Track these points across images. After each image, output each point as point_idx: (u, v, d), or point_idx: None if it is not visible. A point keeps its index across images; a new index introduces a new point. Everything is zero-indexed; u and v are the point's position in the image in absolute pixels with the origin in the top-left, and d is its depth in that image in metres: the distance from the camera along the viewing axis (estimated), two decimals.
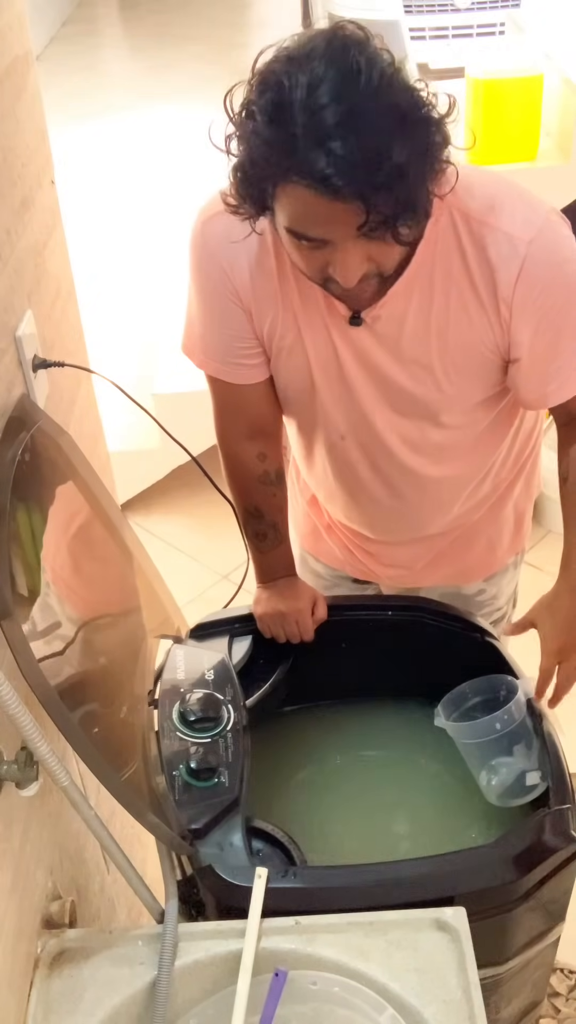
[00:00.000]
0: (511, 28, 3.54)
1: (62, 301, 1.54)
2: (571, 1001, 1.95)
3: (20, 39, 1.39)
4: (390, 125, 1.00)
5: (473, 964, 1.09)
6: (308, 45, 1.03)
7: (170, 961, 1.10)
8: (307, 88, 0.99)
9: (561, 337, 1.28)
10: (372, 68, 1.00)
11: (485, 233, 1.21)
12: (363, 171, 1.00)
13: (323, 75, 0.99)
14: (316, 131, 0.99)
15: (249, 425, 1.49)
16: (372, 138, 0.99)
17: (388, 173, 1.00)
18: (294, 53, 1.02)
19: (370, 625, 1.63)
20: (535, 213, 1.22)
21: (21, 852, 1.08)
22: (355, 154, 0.99)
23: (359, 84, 0.99)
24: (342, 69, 0.99)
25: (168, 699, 1.39)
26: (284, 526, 1.60)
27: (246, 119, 1.05)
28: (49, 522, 1.18)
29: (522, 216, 1.21)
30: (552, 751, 1.35)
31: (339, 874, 1.27)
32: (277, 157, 1.03)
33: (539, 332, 1.26)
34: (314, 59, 1.00)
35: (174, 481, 3.21)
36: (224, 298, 1.32)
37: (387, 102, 1.00)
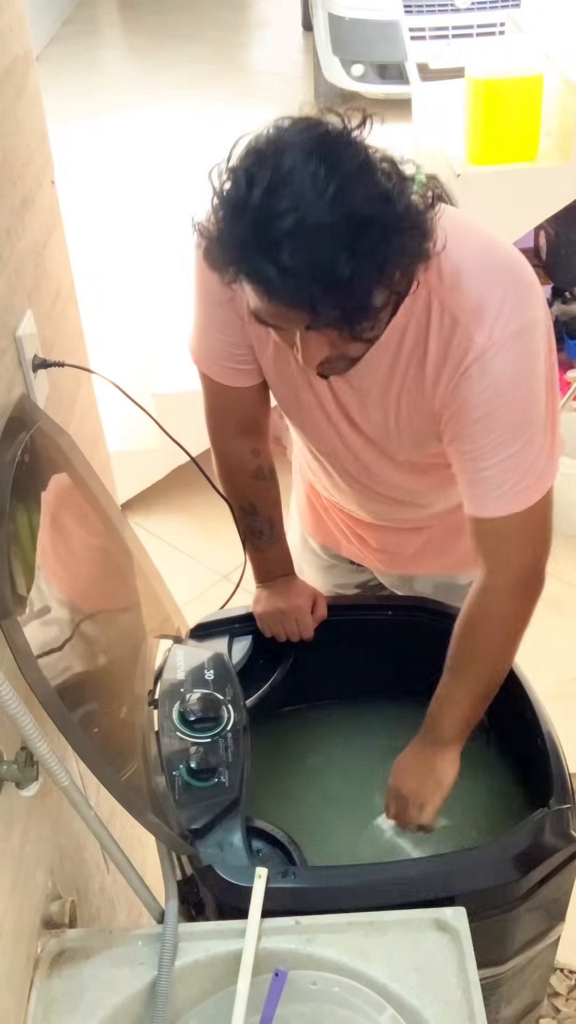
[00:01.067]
0: (511, 28, 3.54)
1: (62, 301, 1.54)
2: (571, 1001, 1.95)
3: (20, 39, 1.39)
4: (341, 238, 0.99)
5: (473, 964, 1.09)
6: (279, 141, 1.02)
7: (170, 961, 1.10)
8: (264, 193, 0.99)
9: (489, 456, 1.24)
10: (332, 174, 0.99)
11: (456, 330, 1.20)
12: (308, 282, 1.00)
13: (282, 180, 0.99)
14: (266, 238, 1.00)
15: (240, 423, 1.50)
16: (320, 251, 0.99)
17: (333, 286, 1.01)
18: (263, 149, 1.03)
19: (370, 625, 1.63)
20: (512, 316, 1.19)
21: (21, 852, 1.08)
22: (301, 266, 0.99)
23: (316, 193, 0.99)
24: (301, 175, 0.99)
25: (168, 699, 1.39)
26: (279, 523, 1.60)
27: (212, 211, 1.06)
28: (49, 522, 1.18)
29: (494, 316, 1.18)
30: (552, 751, 1.35)
31: (339, 874, 1.27)
32: (230, 255, 1.05)
33: (467, 436, 1.25)
34: (280, 159, 1.00)
35: (174, 481, 3.21)
36: (222, 303, 1.33)
37: (342, 213, 0.99)
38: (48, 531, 1.17)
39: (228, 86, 5.89)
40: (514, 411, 1.22)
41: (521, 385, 1.21)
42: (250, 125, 1.07)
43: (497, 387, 1.20)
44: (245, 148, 1.04)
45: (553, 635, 2.69)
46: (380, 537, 1.65)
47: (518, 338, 1.19)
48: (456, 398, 1.23)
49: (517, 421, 1.22)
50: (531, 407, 1.23)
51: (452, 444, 1.28)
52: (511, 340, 1.19)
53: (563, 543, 3.01)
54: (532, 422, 1.23)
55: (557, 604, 2.81)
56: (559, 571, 2.88)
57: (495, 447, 1.23)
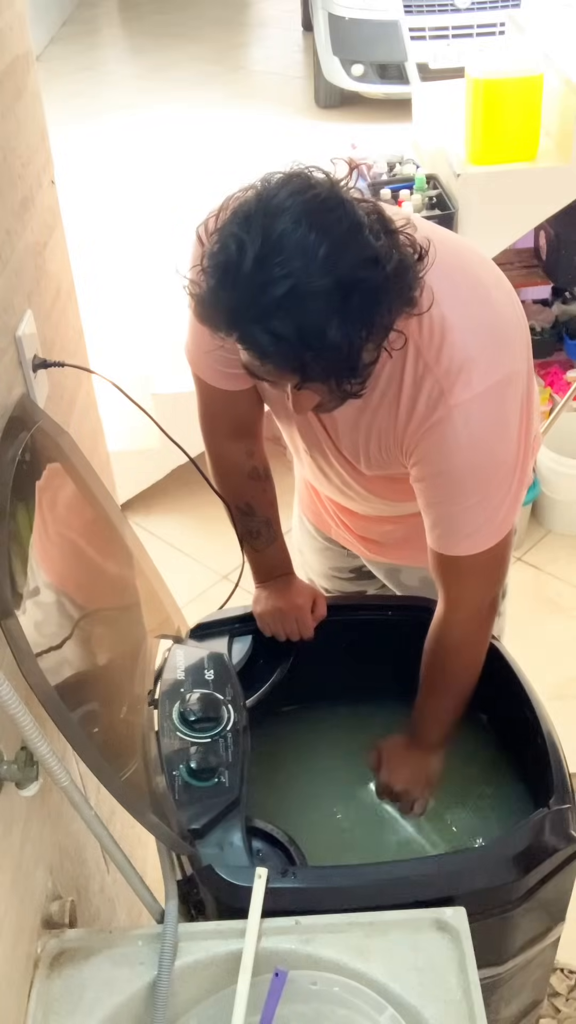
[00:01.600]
0: (511, 28, 3.54)
1: (62, 301, 1.54)
2: (571, 1001, 1.95)
3: (20, 39, 1.39)
4: (332, 304, 1.00)
5: (473, 964, 1.09)
6: (268, 206, 1.03)
7: (170, 961, 1.10)
8: (255, 260, 1.00)
9: (448, 505, 1.28)
10: (322, 240, 1.00)
11: (426, 377, 1.21)
12: (299, 348, 1.02)
13: (273, 248, 1.00)
14: (258, 306, 1.01)
15: (234, 425, 1.50)
16: (312, 317, 1.00)
17: (324, 350, 1.02)
18: (253, 213, 1.03)
19: (370, 625, 1.63)
20: (485, 375, 1.20)
21: (21, 852, 1.08)
22: (292, 333, 1.01)
23: (307, 260, 0.99)
24: (292, 241, 1.00)
25: (168, 699, 1.39)
26: (276, 523, 1.61)
27: (200, 273, 1.07)
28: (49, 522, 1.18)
29: (467, 375, 1.19)
30: (552, 751, 1.35)
31: (339, 874, 1.27)
32: (221, 320, 1.06)
33: (430, 483, 1.28)
34: (272, 224, 1.01)
35: (174, 481, 3.21)
36: None
37: (333, 280, 1.00)
38: (48, 531, 1.17)
39: (228, 86, 5.89)
40: (481, 466, 1.24)
41: (491, 440, 1.23)
42: (249, 125, 1.07)
43: (466, 442, 1.22)
44: (234, 210, 1.05)
45: (553, 635, 2.69)
46: (363, 525, 1.66)
47: (490, 394, 1.21)
48: (423, 447, 1.25)
49: (484, 475, 1.25)
50: (499, 461, 1.25)
51: (417, 483, 1.31)
52: (483, 397, 1.20)
53: (563, 543, 3.02)
54: (498, 474, 1.26)
55: (557, 604, 2.81)
56: (559, 571, 2.89)
57: (459, 496, 1.27)
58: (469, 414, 1.20)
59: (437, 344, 1.20)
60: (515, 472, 1.28)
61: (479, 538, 1.30)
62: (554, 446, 2.92)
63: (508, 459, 1.26)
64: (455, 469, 1.24)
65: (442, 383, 1.20)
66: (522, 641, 1.60)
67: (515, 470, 1.28)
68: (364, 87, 5.19)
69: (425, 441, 1.24)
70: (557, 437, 2.88)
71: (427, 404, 1.21)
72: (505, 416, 1.23)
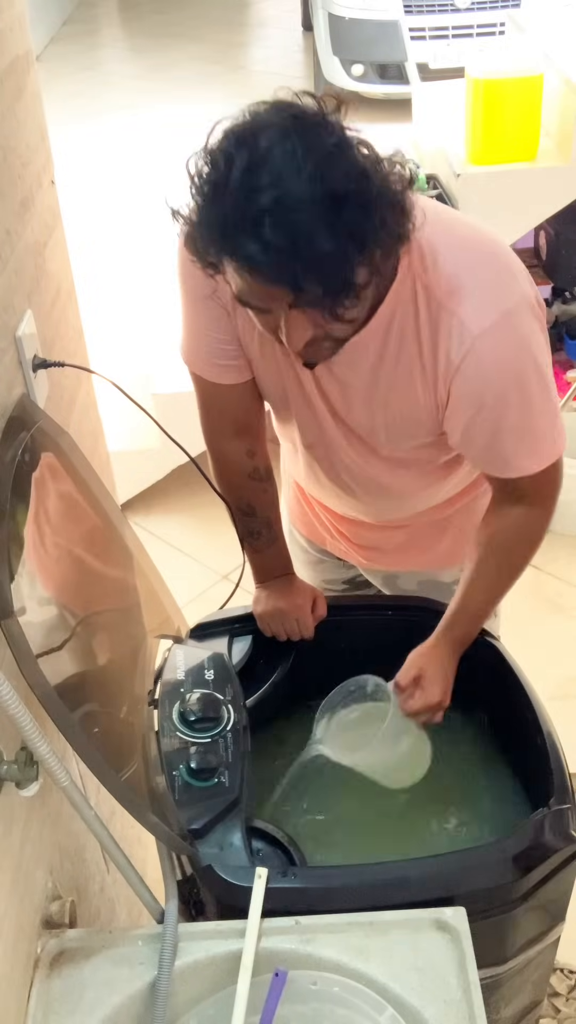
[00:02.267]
0: (511, 28, 3.54)
1: (62, 301, 1.54)
2: (571, 1001, 1.95)
3: (20, 39, 1.39)
4: (321, 213, 1.00)
5: (473, 964, 1.09)
6: (255, 123, 1.04)
7: (170, 961, 1.10)
8: (243, 172, 1.01)
9: (497, 435, 1.28)
10: (310, 152, 1.01)
11: (441, 314, 1.21)
12: (289, 258, 1.01)
13: (261, 158, 1.01)
14: (247, 216, 1.00)
15: (235, 423, 1.50)
16: (301, 226, 1.00)
17: (314, 261, 1.01)
18: (240, 130, 1.04)
19: (370, 625, 1.63)
20: (498, 300, 1.21)
21: (21, 852, 1.08)
22: (282, 242, 1.00)
23: (294, 170, 1.00)
24: (279, 153, 1.00)
25: (168, 699, 1.39)
26: (277, 523, 1.60)
27: (192, 195, 1.07)
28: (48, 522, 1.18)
29: (480, 304, 1.20)
30: (552, 751, 1.35)
31: (339, 874, 1.27)
32: (213, 237, 1.06)
33: (474, 424, 1.27)
34: (258, 139, 1.02)
35: (174, 481, 3.21)
36: (206, 298, 1.34)
37: (322, 189, 1.00)
38: (48, 531, 1.17)
39: (228, 86, 5.89)
40: (518, 386, 1.24)
41: (520, 360, 1.23)
42: None
43: (497, 369, 1.22)
44: (222, 132, 1.06)
45: (553, 635, 2.69)
46: (362, 534, 1.66)
47: (508, 317, 1.21)
48: (457, 389, 1.24)
49: (522, 394, 1.25)
50: (533, 378, 1.25)
51: (459, 432, 1.29)
52: (502, 322, 1.20)
53: (563, 543, 3.02)
54: (536, 390, 1.26)
55: (557, 604, 2.81)
56: (559, 571, 2.88)
57: (505, 422, 1.26)
58: (495, 340, 1.20)
59: (446, 281, 1.20)
60: (549, 385, 1.28)
61: (534, 456, 1.30)
62: None
63: (542, 371, 1.26)
64: (496, 395, 1.23)
65: (459, 315, 1.20)
66: (522, 641, 1.60)
67: (550, 383, 1.28)
68: (364, 87, 5.19)
69: (458, 380, 1.23)
70: None
71: (449, 340, 1.21)
72: (526, 335, 1.23)
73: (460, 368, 1.22)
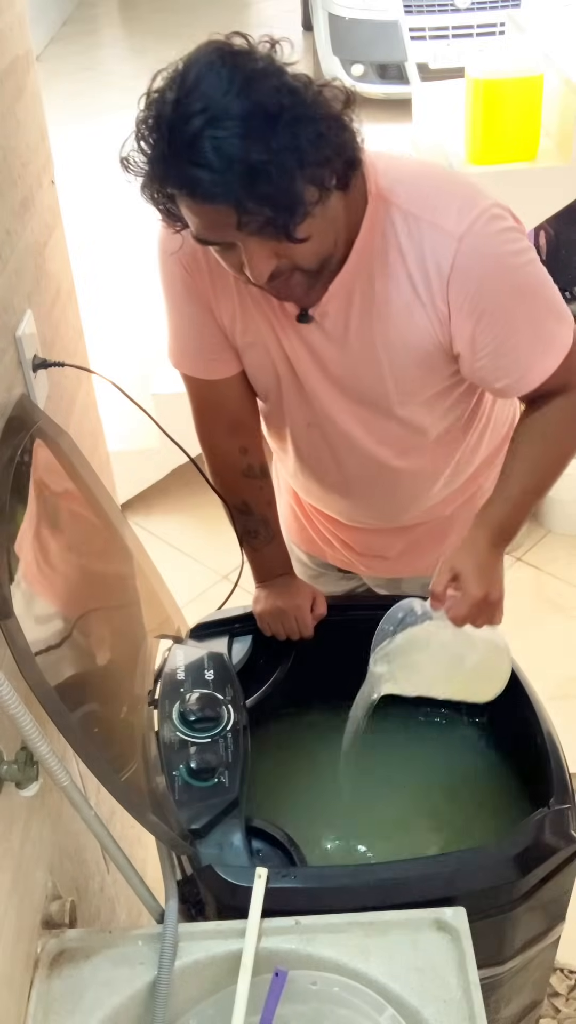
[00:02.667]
0: (511, 28, 3.54)
1: (62, 301, 1.54)
2: (571, 1001, 1.95)
3: (20, 39, 1.40)
4: (253, 127, 1.02)
5: (473, 964, 1.09)
6: (186, 62, 1.07)
7: (170, 961, 1.10)
8: (175, 103, 1.04)
9: (510, 333, 1.26)
10: (236, 73, 1.03)
11: (421, 228, 1.22)
12: (229, 176, 1.03)
13: (191, 88, 1.04)
14: (183, 142, 1.03)
15: (227, 420, 1.50)
16: (235, 143, 1.02)
17: (253, 177, 1.03)
18: (172, 71, 1.07)
19: (370, 625, 1.63)
20: (470, 205, 1.22)
21: (21, 852, 1.08)
22: (219, 161, 1.02)
23: (223, 91, 1.02)
24: (207, 79, 1.03)
25: (168, 699, 1.38)
26: (275, 521, 1.60)
27: (136, 142, 1.10)
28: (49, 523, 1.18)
29: (456, 208, 1.21)
30: (552, 751, 1.35)
31: (339, 874, 1.27)
32: (157, 173, 1.09)
33: (481, 328, 1.25)
34: (187, 73, 1.05)
35: (174, 481, 3.21)
36: (188, 295, 1.35)
37: (249, 104, 1.02)
38: (47, 531, 1.17)
39: None
40: (513, 276, 1.24)
41: (509, 251, 1.24)
42: None
43: (491, 264, 1.22)
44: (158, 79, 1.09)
45: (553, 635, 2.69)
46: (364, 540, 1.65)
47: (486, 215, 1.22)
48: (456, 295, 1.23)
49: (520, 284, 1.25)
50: (527, 267, 1.25)
51: (469, 346, 1.27)
52: (481, 219, 1.21)
53: (563, 543, 3.02)
54: (533, 280, 1.26)
55: (557, 604, 2.81)
56: (559, 571, 2.89)
57: (511, 317, 1.25)
58: (478, 235, 1.21)
59: (417, 200, 1.22)
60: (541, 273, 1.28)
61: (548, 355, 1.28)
62: None
63: (529, 259, 1.26)
64: (494, 294, 1.23)
65: (439, 224, 1.21)
66: (522, 641, 1.60)
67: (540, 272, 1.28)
68: (364, 87, 5.19)
69: (453, 287, 1.22)
70: None
71: (436, 251, 1.21)
72: (508, 227, 1.24)
73: (452, 274, 1.21)
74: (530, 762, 1.41)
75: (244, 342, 1.38)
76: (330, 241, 1.18)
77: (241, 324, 1.35)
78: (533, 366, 1.29)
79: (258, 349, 1.38)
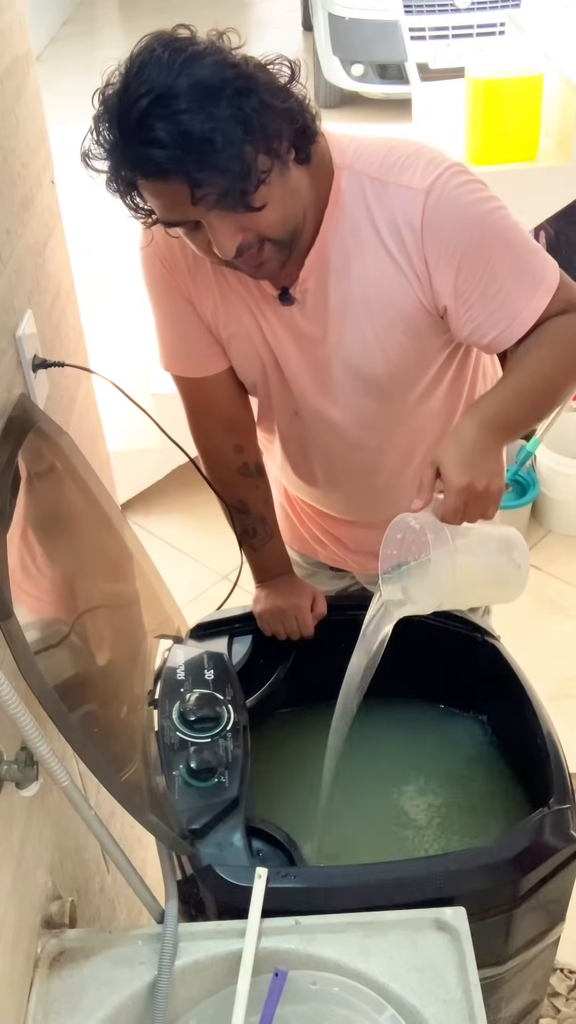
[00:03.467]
0: (511, 28, 3.54)
1: (62, 301, 1.54)
2: (571, 1001, 1.95)
3: (20, 39, 1.40)
4: (195, 101, 1.05)
5: (473, 964, 1.09)
6: (131, 54, 1.10)
7: (170, 961, 1.10)
8: (122, 92, 1.08)
9: (492, 277, 1.25)
10: (177, 55, 1.07)
11: (388, 191, 1.23)
12: (177, 151, 1.06)
13: (136, 74, 1.07)
14: (132, 126, 1.07)
15: (221, 419, 1.50)
16: (178, 117, 1.05)
17: (201, 149, 1.06)
18: (119, 65, 1.10)
19: None
20: (433, 164, 1.23)
21: (21, 852, 1.08)
22: (166, 135, 1.05)
23: (164, 72, 1.06)
24: (150, 65, 1.07)
25: (168, 699, 1.38)
26: (272, 520, 1.61)
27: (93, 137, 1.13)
28: (48, 523, 1.18)
29: (421, 169, 1.23)
30: (552, 751, 1.35)
31: (339, 874, 1.27)
32: (116, 158, 1.12)
33: (463, 277, 1.25)
34: (132, 63, 1.09)
35: (174, 481, 3.21)
36: (169, 294, 1.37)
37: (191, 81, 1.05)
38: (47, 531, 1.17)
39: None
40: (485, 221, 1.24)
41: (476, 199, 1.24)
42: None
43: (461, 211, 1.23)
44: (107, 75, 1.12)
45: (553, 635, 2.69)
46: (357, 536, 1.65)
47: (450, 170, 1.23)
48: (431, 244, 1.23)
49: (493, 228, 1.25)
50: (497, 212, 1.25)
51: (453, 296, 1.26)
52: (446, 173, 1.22)
53: (563, 543, 3.02)
54: (506, 223, 1.26)
55: (557, 604, 2.81)
56: (559, 571, 2.88)
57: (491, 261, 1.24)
58: (445, 186, 1.22)
59: (381, 164, 1.23)
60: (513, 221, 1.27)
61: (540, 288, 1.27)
62: (554, 446, 2.92)
63: (499, 206, 1.26)
64: (469, 240, 1.23)
65: (405, 183, 1.22)
66: (522, 641, 1.60)
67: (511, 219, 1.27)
68: (364, 87, 5.19)
69: (427, 240, 1.23)
70: (557, 437, 2.88)
71: (405, 208, 1.22)
72: (472, 180, 1.25)
73: (423, 228, 1.22)
74: (530, 762, 1.41)
75: (227, 334, 1.39)
76: (296, 212, 1.20)
77: (223, 317, 1.36)
78: (523, 307, 1.27)
79: (241, 340, 1.38)
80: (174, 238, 1.27)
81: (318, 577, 1.81)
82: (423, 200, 1.21)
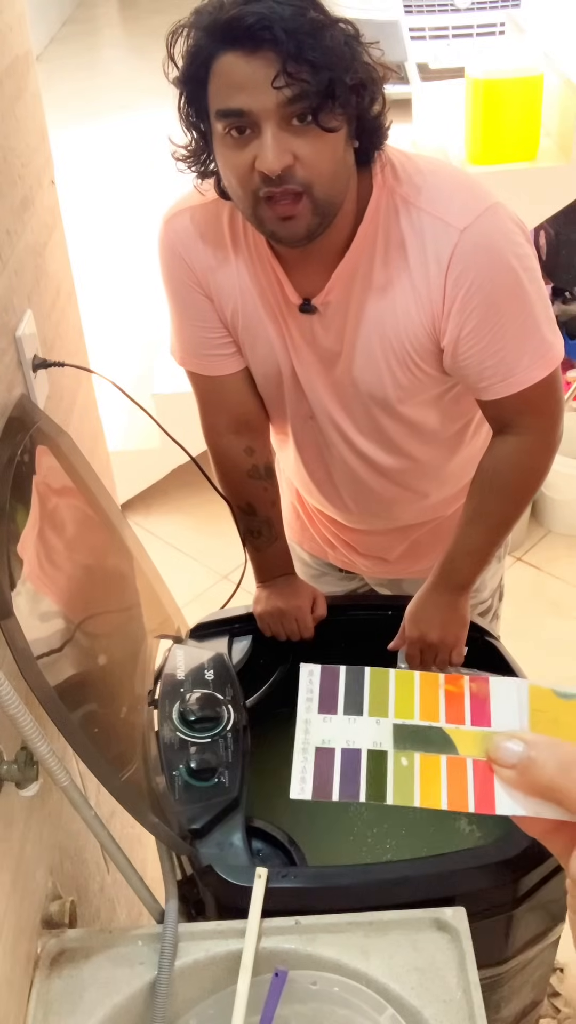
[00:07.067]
0: (511, 28, 3.54)
1: (62, 301, 1.54)
2: (571, 1001, 1.95)
3: (20, 39, 1.39)
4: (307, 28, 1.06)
5: (473, 964, 1.09)
6: None
7: (170, 961, 1.10)
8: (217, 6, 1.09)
9: (497, 338, 1.26)
10: None
11: (424, 220, 1.22)
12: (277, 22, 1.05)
13: None
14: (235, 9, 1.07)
15: (233, 419, 1.50)
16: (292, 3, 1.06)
17: (306, 30, 1.06)
18: None
19: (370, 625, 1.63)
20: (476, 201, 1.22)
21: (21, 852, 1.08)
22: (275, 4, 1.06)
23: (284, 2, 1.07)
24: None
25: (168, 699, 1.38)
26: (278, 522, 1.60)
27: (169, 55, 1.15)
28: (48, 523, 1.18)
29: (461, 203, 1.22)
30: None
31: (339, 874, 1.27)
32: (203, 36, 1.11)
33: (470, 328, 1.25)
34: None
35: (174, 481, 3.21)
36: (190, 291, 1.36)
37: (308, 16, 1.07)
38: (47, 531, 1.17)
39: None
40: (511, 277, 1.24)
41: (508, 252, 1.24)
42: None
43: (487, 260, 1.22)
44: None
45: (553, 635, 2.69)
46: (366, 541, 1.65)
47: (488, 214, 1.22)
48: (454, 287, 1.23)
49: (516, 286, 1.25)
50: (525, 274, 1.25)
51: (457, 340, 1.27)
52: (483, 217, 1.22)
53: (563, 543, 3.02)
54: (530, 286, 1.26)
55: (557, 604, 2.81)
56: (559, 571, 2.89)
57: (504, 320, 1.25)
58: (480, 231, 1.21)
59: (424, 191, 1.23)
60: (540, 283, 1.28)
61: (540, 361, 1.28)
62: None
63: (531, 266, 1.26)
64: (489, 291, 1.23)
65: (442, 217, 1.22)
66: (522, 641, 1.60)
67: (539, 281, 1.28)
68: None
69: (451, 278, 1.22)
70: None
71: (437, 242, 1.22)
72: (511, 228, 1.24)
73: (450, 265, 1.22)
74: None
75: (246, 336, 1.38)
76: (341, 188, 1.18)
77: (243, 318, 1.36)
78: (516, 370, 1.28)
79: (260, 342, 1.38)
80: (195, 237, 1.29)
81: (328, 578, 1.81)
82: (456, 239, 1.20)
